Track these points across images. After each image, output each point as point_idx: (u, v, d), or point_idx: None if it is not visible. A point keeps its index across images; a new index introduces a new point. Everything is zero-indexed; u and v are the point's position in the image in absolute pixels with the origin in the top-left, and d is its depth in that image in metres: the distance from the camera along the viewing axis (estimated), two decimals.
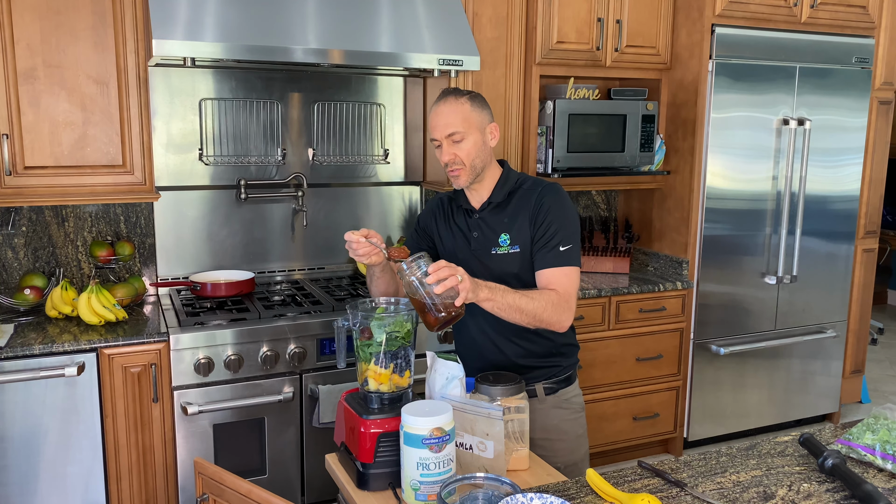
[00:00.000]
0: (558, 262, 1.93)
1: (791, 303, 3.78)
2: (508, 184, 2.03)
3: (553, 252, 1.93)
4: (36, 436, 2.46)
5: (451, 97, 1.97)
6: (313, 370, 2.76)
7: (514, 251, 1.98)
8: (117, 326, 2.64)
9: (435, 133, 1.97)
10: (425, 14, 2.85)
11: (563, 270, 1.93)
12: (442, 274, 1.66)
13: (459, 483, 1.43)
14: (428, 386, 1.77)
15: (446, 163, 1.97)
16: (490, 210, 2.03)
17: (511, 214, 2.00)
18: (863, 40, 3.71)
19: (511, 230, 1.99)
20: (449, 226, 2.11)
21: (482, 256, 2.01)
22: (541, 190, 2.00)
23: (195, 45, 2.43)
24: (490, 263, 1.99)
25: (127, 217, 3.04)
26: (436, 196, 2.23)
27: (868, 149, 3.94)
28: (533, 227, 1.96)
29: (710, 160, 3.47)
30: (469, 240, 2.05)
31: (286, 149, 3.25)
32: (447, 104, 1.96)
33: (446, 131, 1.94)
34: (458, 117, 1.94)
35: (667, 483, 1.54)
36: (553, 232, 1.94)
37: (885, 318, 6.47)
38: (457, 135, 1.93)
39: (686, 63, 3.48)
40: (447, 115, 1.95)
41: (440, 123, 1.95)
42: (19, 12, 2.52)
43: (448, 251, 2.10)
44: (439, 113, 1.96)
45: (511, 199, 2.02)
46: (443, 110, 1.95)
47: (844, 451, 1.66)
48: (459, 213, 2.09)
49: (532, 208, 1.97)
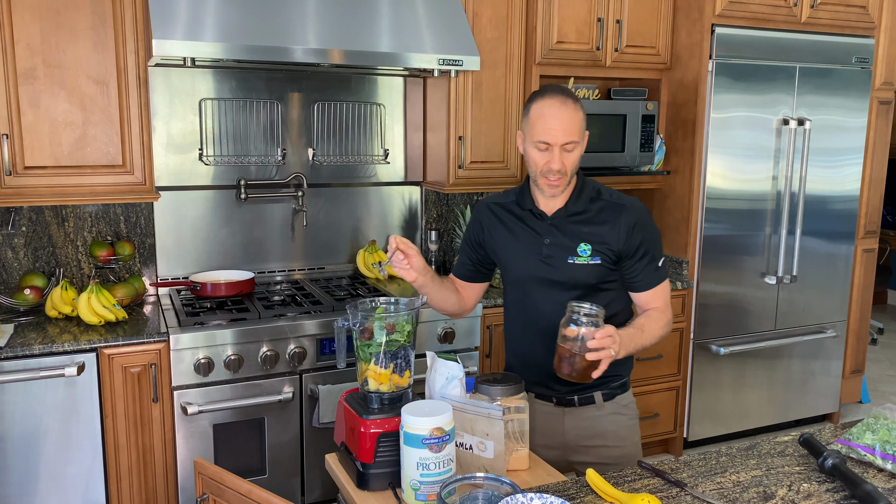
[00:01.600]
0: (659, 279, 1.96)
1: (791, 303, 3.78)
2: (586, 192, 1.95)
3: (652, 269, 1.94)
4: (36, 436, 2.46)
5: (571, 101, 1.85)
6: (313, 370, 2.76)
7: (594, 262, 1.91)
8: (117, 326, 2.64)
9: (548, 137, 1.83)
10: (425, 14, 2.85)
11: (662, 286, 1.97)
12: (604, 343, 1.65)
13: (459, 483, 1.43)
14: (428, 386, 1.77)
15: (552, 170, 1.85)
16: (566, 217, 1.94)
17: (592, 225, 1.93)
18: (863, 40, 3.71)
19: (592, 241, 1.91)
20: (511, 231, 2.01)
21: (556, 263, 1.93)
22: (628, 206, 1.93)
23: (195, 45, 2.43)
24: (565, 271, 1.92)
25: (127, 217, 3.04)
26: (479, 206, 2.11)
27: (868, 149, 3.94)
28: (625, 245, 1.91)
29: (710, 160, 3.47)
30: (540, 246, 1.95)
31: (286, 149, 3.25)
32: (567, 109, 1.84)
33: (566, 139, 1.83)
34: (577, 125, 1.85)
35: (667, 483, 1.55)
36: (648, 250, 1.93)
37: (885, 318, 6.47)
38: (571, 144, 1.85)
39: (686, 63, 3.48)
40: (569, 121, 1.83)
41: (559, 128, 1.82)
42: (19, 12, 2.52)
43: (511, 258, 2.01)
44: (559, 117, 1.83)
45: (590, 208, 1.94)
46: (563, 115, 1.83)
47: (844, 451, 1.66)
48: (524, 218, 1.99)
49: (622, 225, 1.91)
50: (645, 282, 1.95)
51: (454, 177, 3.22)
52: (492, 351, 3.10)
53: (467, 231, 2.14)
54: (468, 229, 2.13)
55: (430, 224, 3.56)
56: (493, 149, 3.28)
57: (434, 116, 3.33)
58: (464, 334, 3.00)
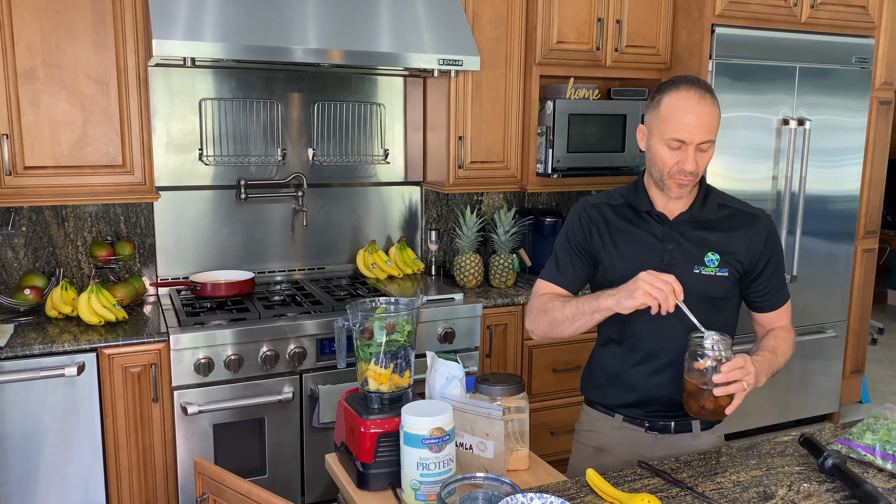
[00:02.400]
0: (787, 296, 1.86)
1: (791, 303, 3.77)
2: (712, 197, 1.80)
3: (781, 286, 1.85)
4: (36, 436, 2.46)
5: (709, 95, 1.67)
6: (313, 370, 2.76)
7: (721, 274, 1.75)
8: (117, 326, 2.64)
9: (684, 135, 1.65)
10: (425, 14, 2.85)
11: (788, 304, 1.88)
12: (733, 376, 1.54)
13: (459, 483, 1.43)
14: (428, 386, 1.77)
15: (685, 171, 1.68)
16: (691, 223, 1.78)
17: (721, 234, 1.77)
18: (863, 40, 3.71)
19: (720, 250, 1.75)
20: (622, 234, 1.80)
21: (679, 272, 1.70)
22: (762, 216, 1.81)
23: (195, 45, 2.43)
24: (689, 282, 1.68)
25: (127, 217, 3.04)
26: (579, 206, 1.87)
27: (868, 149, 3.94)
28: (757, 258, 1.78)
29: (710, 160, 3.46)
30: (660, 252, 1.76)
31: (286, 149, 3.25)
32: (705, 104, 1.66)
33: (704, 137, 1.66)
34: (716, 122, 1.68)
35: (667, 483, 1.54)
36: (778, 265, 1.83)
37: (885, 318, 6.47)
38: (707, 143, 1.67)
39: (686, 63, 3.47)
40: (708, 117, 1.66)
41: (696, 125, 1.64)
42: (19, 12, 2.52)
43: (621, 263, 1.78)
44: (697, 113, 1.65)
45: (718, 215, 1.79)
46: (702, 111, 1.65)
47: (844, 451, 1.66)
48: (640, 220, 1.80)
49: (755, 236, 1.78)
50: (775, 300, 1.83)
51: (454, 177, 3.22)
52: (492, 351, 3.10)
53: (567, 236, 1.86)
54: (571, 233, 1.85)
55: (430, 224, 3.56)
56: (493, 149, 3.28)
57: (434, 116, 3.33)
58: (464, 334, 3.00)
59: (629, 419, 1.86)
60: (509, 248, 3.36)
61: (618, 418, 1.87)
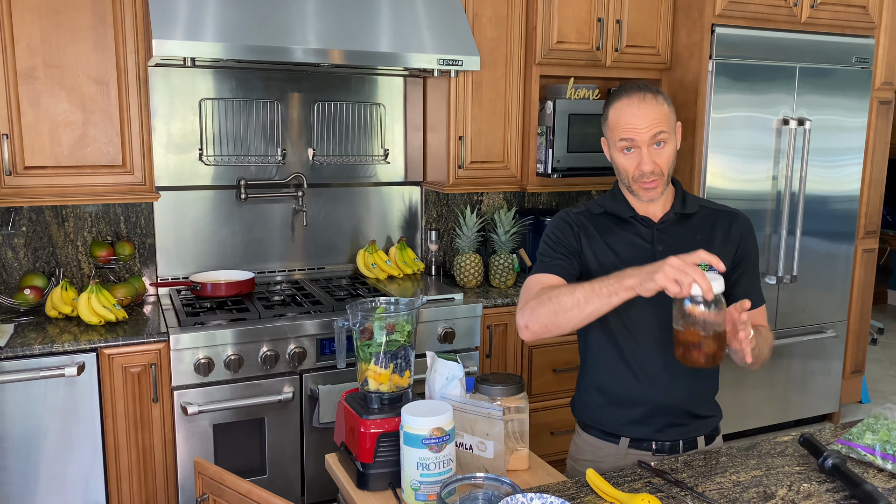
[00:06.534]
0: (763, 301, 1.83)
1: (791, 303, 3.78)
2: (689, 197, 1.82)
3: (757, 284, 1.82)
4: (36, 436, 2.46)
5: (650, 94, 1.69)
6: (313, 370, 2.76)
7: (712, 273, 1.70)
8: (117, 326, 2.64)
9: (633, 133, 1.67)
10: (425, 14, 2.85)
11: (764, 308, 1.84)
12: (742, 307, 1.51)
13: (459, 483, 1.43)
14: (428, 386, 1.77)
15: (645, 172, 1.69)
16: (676, 223, 1.79)
17: (704, 232, 1.78)
18: (863, 40, 3.71)
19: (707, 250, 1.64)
20: (609, 239, 1.79)
21: None
22: (740, 214, 1.83)
23: (195, 45, 2.43)
24: None
25: (127, 217, 3.04)
26: (563, 215, 1.85)
27: (868, 149, 3.94)
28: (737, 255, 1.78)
29: (710, 160, 3.47)
30: (651, 254, 1.74)
31: (286, 149, 3.25)
32: (647, 102, 1.68)
33: (650, 131, 1.66)
34: (663, 116, 1.68)
35: (667, 483, 1.54)
36: (755, 263, 1.82)
37: (885, 318, 6.47)
38: (663, 134, 1.68)
39: (686, 63, 3.48)
40: (653, 113, 1.67)
41: (642, 123, 1.66)
42: (19, 12, 2.52)
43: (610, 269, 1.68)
44: (640, 112, 1.67)
45: (699, 214, 1.81)
46: (645, 109, 1.67)
47: (844, 451, 1.66)
48: (626, 225, 1.79)
49: (735, 233, 1.79)
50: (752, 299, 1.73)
51: (454, 177, 3.22)
52: (492, 351, 3.10)
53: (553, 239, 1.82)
54: (559, 238, 1.81)
55: (430, 224, 3.56)
56: (493, 149, 3.28)
57: (434, 116, 3.33)
58: (464, 334, 3.00)
59: (636, 443, 1.80)
60: (509, 249, 3.36)
61: (623, 444, 1.81)
